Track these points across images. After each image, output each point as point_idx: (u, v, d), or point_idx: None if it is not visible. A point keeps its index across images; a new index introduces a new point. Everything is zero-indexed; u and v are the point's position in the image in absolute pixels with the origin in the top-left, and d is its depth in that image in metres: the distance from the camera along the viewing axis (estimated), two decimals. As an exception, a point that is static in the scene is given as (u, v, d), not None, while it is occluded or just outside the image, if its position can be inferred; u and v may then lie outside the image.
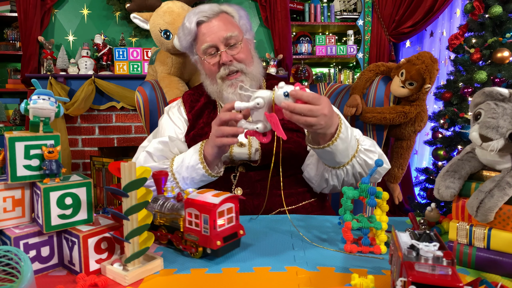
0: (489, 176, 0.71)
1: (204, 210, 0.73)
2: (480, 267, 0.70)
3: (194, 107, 1.32)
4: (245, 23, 1.28)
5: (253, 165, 1.21)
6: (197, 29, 1.22)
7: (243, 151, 1.21)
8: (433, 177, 2.67)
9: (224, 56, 1.19)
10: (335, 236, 0.89)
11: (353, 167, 1.08)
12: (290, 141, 1.20)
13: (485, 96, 0.71)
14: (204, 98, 1.33)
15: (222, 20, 1.22)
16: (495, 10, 2.28)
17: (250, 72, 1.23)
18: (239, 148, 1.21)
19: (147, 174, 0.70)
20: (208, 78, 1.27)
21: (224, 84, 1.22)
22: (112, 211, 0.70)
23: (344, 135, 0.99)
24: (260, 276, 0.69)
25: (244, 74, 1.22)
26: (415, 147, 3.48)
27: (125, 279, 0.66)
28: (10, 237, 0.68)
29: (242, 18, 1.27)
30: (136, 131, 3.49)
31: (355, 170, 1.09)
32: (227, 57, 1.19)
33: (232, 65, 1.20)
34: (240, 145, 1.21)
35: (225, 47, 1.20)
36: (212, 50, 1.21)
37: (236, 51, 1.21)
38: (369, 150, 1.11)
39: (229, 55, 1.19)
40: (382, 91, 1.51)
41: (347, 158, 1.06)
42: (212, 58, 1.21)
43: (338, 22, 3.87)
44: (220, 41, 1.19)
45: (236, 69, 1.21)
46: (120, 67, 3.33)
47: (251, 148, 1.21)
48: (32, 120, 0.71)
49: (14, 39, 3.59)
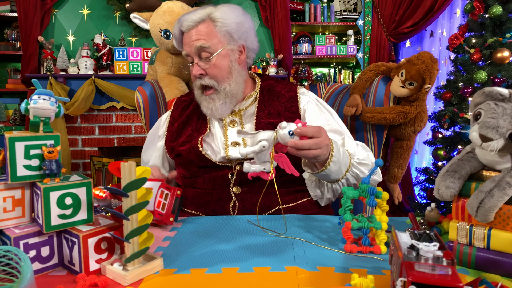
0: (489, 176, 0.71)
1: None
2: (480, 267, 0.70)
3: (184, 114, 1.33)
4: (231, 31, 1.20)
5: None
6: (181, 38, 1.25)
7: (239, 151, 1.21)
8: (433, 177, 2.67)
9: (194, 68, 1.20)
10: (335, 236, 0.89)
11: (347, 180, 1.12)
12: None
13: (485, 96, 0.71)
14: (193, 105, 1.33)
15: (200, 29, 1.18)
16: (495, 10, 2.28)
17: (223, 90, 1.21)
18: (234, 148, 1.21)
19: (147, 174, 0.70)
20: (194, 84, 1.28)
21: (202, 96, 1.24)
22: (112, 211, 0.70)
23: (336, 157, 1.02)
24: (260, 276, 0.69)
25: (217, 91, 1.21)
26: (415, 147, 3.49)
27: (125, 279, 0.66)
28: (10, 237, 0.68)
29: (228, 26, 1.19)
30: (136, 131, 3.49)
31: (349, 182, 1.13)
32: (197, 71, 1.19)
33: (202, 79, 1.20)
34: (235, 144, 1.22)
35: (198, 58, 1.19)
36: (190, 60, 1.22)
37: (207, 66, 1.19)
38: (362, 164, 1.13)
39: (200, 69, 1.19)
40: (382, 91, 1.51)
41: (340, 175, 1.09)
42: (192, 67, 1.23)
43: (338, 22, 3.87)
44: (192, 51, 1.19)
45: (207, 84, 1.20)
46: (120, 67, 3.33)
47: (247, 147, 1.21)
48: (32, 120, 0.71)
49: (14, 39, 3.59)
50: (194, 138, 1.25)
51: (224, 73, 1.21)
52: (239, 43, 1.24)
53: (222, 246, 0.83)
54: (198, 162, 1.22)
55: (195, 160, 1.22)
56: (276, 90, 1.31)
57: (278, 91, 1.30)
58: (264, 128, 1.21)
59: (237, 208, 1.17)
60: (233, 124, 1.26)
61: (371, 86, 1.56)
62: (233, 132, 1.25)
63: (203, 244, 0.85)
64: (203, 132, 1.26)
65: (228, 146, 1.21)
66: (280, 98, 1.28)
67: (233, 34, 1.21)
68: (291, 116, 1.25)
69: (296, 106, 1.27)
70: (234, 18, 1.21)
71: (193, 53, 1.19)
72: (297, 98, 1.29)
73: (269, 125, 1.22)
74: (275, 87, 1.32)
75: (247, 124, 1.26)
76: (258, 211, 1.17)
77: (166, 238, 0.88)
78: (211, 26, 1.19)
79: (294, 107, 1.27)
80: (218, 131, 1.26)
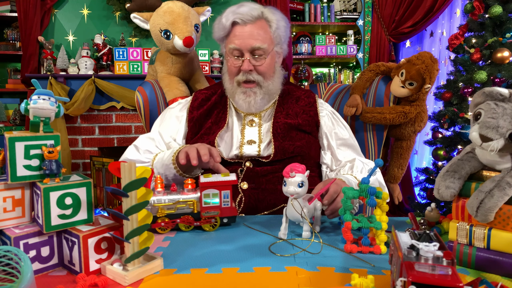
0: (489, 176, 0.71)
1: (224, 187, 0.92)
2: (480, 267, 0.70)
3: (204, 106, 1.34)
4: (281, 35, 1.28)
5: (264, 160, 1.24)
6: (231, 28, 1.24)
7: (253, 149, 1.25)
8: (433, 177, 2.67)
9: (245, 64, 1.22)
10: (335, 236, 0.89)
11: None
12: (303, 141, 1.26)
13: (485, 96, 0.71)
14: (215, 98, 1.35)
15: (256, 27, 1.22)
16: (495, 10, 2.28)
17: (266, 86, 1.26)
18: (249, 146, 1.25)
19: (147, 174, 0.70)
20: (228, 75, 1.30)
21: (239, 88, 1.26)
22: (112, 211, 0.70)
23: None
24: (260, 276, 0.69)
25: (259, 86, 1.26)
26: (415, 147, 3.48)
27: (125, 279, 0.66)
28: (10, 237, 0.68)
29: (279, 29, 1.27)
30: (136, 131, 3.48)
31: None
32: (248, 66, 1.22)
33: (251, 74, 1.23)
34: (250, 142, 1.25)
35: (250, 55, 1.22)
36: (237, 53, 1.23)
37: (260, 63, 1.23)
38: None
39: (251, 65, 1.22)
40: (382, 91, 1.51)
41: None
42: (235, 60, 1.24)
43: (338, 22, 3.86)
44: (247, 48, 1.21)
45: (253, 79, 1.24)
46: (120, 67, 3.33)
47: (261, 145, 1.26)
48: (32, 120, 0.71)
49: (14, 39, 3.58)
50: (213, 132, 1.27)
51: (271, 72, 1.27)
52: (284, 47, 1.32)
53: (222, 246, 0.83)
54: None
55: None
56: (296, 94, 1.35)
57: (298, 95, 1.35)
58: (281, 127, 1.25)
59: (243, 203, 1.19)
60: (251, 124, 1.30)
61: (371, 86, 1.56)
62: (250, 131, 1.29)
63: (203, 244, 0.85)
64: (221, 125, 1.28)
65: (244, 144, 1.25)
66: (299, 101, 1.33)
67: (282, 37, 1.28)
68: (308, 119, 1.29)
69: (315, 111, 1.32)
70: (284, 23, 1.28)
71: (246, 50, 1.22)
72: (316, 105, 1.33)
73: (286, 125, 1.26)
74: (295, 91, 1.36)
75: (265, 124, 1.30)
76: (263, 208, 1.19)
77: (166, 238, 0.88)
78: (266, 26, 1.25)
79: (313, 112, 1.31)
80: (236, 128, 1.29)
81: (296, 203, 0.85)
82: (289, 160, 1.22)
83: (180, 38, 1.50)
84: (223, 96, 1.35)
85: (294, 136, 1.25)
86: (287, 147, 1.23)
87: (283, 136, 1.24)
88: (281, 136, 1.24)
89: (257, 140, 1.26)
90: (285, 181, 0.85)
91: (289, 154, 1.23)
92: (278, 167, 1.22)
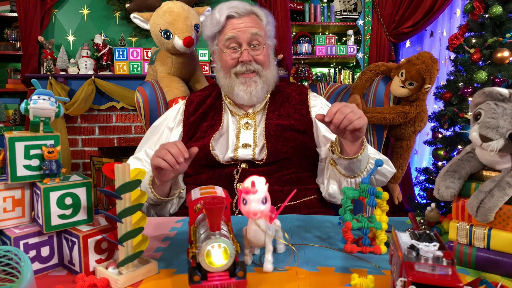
0: (489, 176, 0.71)
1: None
2: (480, 267, 0.70)
3: (199, 109, 1.33)
4: (270, 29, 1.32)
5: (258, 162, 1.23)
6: (225, 22, 1.25)
7: (248, 152, 1.24)
8: (433, 177, 2.67)
9: (245, 54, 1.23)
10: (335, 236, 0.89)
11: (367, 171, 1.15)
12: (297, 141, 1.24)
13: (485, 96, 0.71)
14: (210, 100, 1.34)
15: (251, 20, 1.25)
16: (495, 10, 2.27)
17: (265, 75, 1.27)
18: (244, 149, 1.24)
19: (141, 176, 0.69)
20: (222, 71, 1.29)
21: (237, 79, 1.26)
22: (105, 213, 0.68)
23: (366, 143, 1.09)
24: (260, 276, 0.69)
25: (259, 75, 1.26)
26: (415, 147, 3.48)
27: (117, 283, 0.64)
28: (10, 237, 0.68)
29: (269, 24, 1.31)
30: (136, 131, 3.48)
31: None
32: (248, 56, 1.23)
33: (250, 64, 1.24)
34: (245, 146, 1.24)
35: (247, 46, 1.23)
36: (234, 45, 1.24)
37: (258, 53, 1.25)
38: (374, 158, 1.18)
39: (250, 55, 1.23)
40: (382, 91, 1.51)
41: (365, 164, 1.13)
42: (232, 52, 1.25)
43: (338, 22, 3.87)
44: (246, 37, 1.23)
45: (253, 69, 1.25)
46: (120, 67, 3.33)
47: (256, 148, 1.24)
48: (32, 120, 0.71)
49: (14, 39, 3.59)
50: (208, 135, 1.27)
51: (267, 62, 1.29)
52: (274, 42, 1.35)
53: (222, 246, 0.83)
54: (204, 160, 1.24)
55: (202, 158, 1.23)
56: (286, 92, 1.34)
57: (289, 93, 1.33)
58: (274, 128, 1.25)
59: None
60: (246, 127, 1.29)
61: (371, 86, 1.56)
62: (245, 134, 1.28)
63: (203, 244, 0.84)
64: (216, 128, 1.28)
65: (238, 148, 1.24)
66: (290, 100, 1.32)
67: (272, 32, 1.33)
68: (300, 118, 1.27)
69: (306, 109, 1.30)
70: (271, 19, 1.32)
71: (244, 39, 1.23)
72: (308, 101, 1.32)
73: (279, 126, 1.25)
74: (285, 89, 1.35)
75: (260, 127, 1.29)
76: None
77: (166, 238, 0.88)
78: (258, 20, 1.28)
79: (304, 110, 1.29)
80: (232, 131, 1.28)
81: (263, 223, 0.69)
82: (284, 160, 1.22)
83: (180, 38, 1.50)
84: (218, 98, 1.35)
85: (288, 136, 1.24)
86: (280, 147, 1.22)
87: (276, 137, 1.23)
88: (274, 138, 1.23)
89: (252, 144, 1.25)
90: (245, 199, 0.68)
91: (284, 155, 1.22)
92: (274, 168, 1.22)
